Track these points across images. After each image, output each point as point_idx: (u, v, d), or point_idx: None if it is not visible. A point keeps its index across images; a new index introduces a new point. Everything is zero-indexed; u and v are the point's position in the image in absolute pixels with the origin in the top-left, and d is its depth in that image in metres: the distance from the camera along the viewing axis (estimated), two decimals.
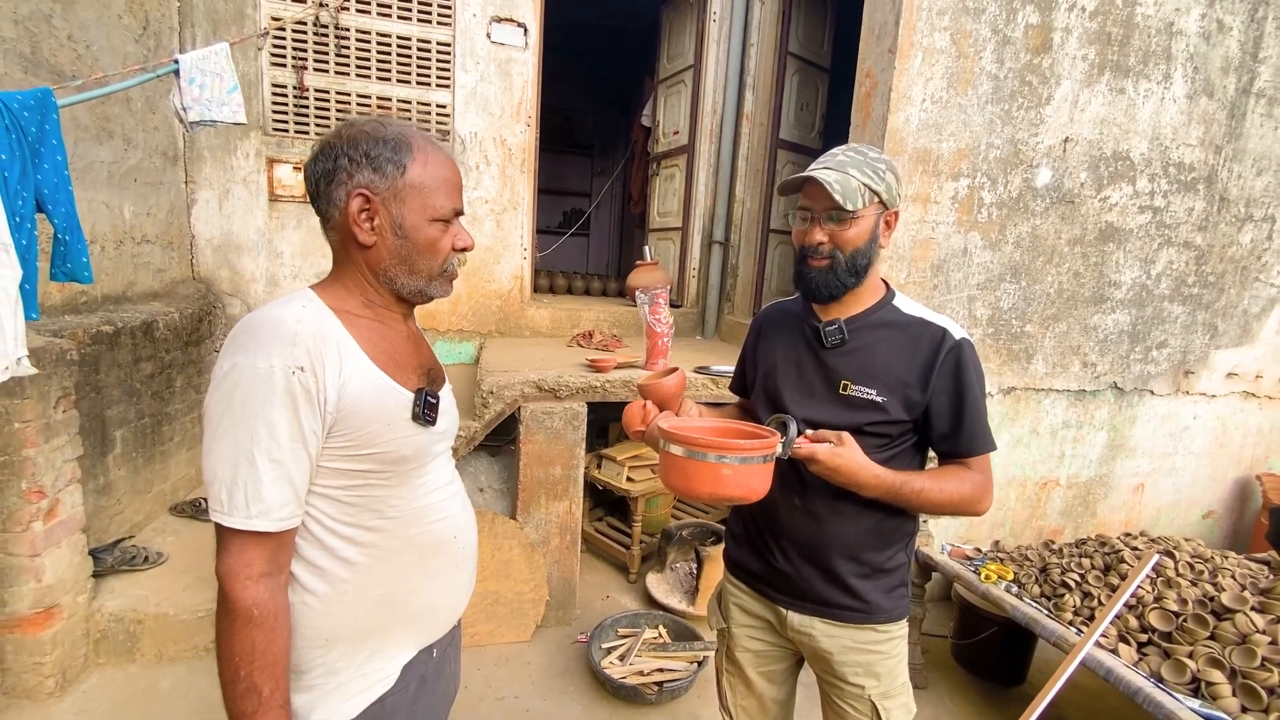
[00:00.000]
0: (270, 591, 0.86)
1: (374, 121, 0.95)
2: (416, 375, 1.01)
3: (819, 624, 1.26)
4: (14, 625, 2.06)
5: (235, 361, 0.85)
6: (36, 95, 1.56)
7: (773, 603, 1.31)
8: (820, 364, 1.25)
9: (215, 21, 3.28)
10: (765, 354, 1.35)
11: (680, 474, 1.06)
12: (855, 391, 1.20)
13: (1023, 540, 3.11)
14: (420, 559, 1.01)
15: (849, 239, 1.17)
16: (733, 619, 1.40)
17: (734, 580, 1.40)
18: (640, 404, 1.30)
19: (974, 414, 1.18)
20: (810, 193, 1.19)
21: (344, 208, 0.93)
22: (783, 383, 1.28)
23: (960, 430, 1.18)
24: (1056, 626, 1.90)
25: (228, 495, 0.83)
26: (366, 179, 0.92)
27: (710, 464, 1.03)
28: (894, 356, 1.20)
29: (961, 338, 1.19)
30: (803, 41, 3.86)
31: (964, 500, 1.18)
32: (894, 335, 1.21)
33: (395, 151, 0.92)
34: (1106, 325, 2.99)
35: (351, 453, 0.91)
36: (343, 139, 0.93)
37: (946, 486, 1.16)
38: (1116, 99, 2.76)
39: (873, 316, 1.24)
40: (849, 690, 1.26)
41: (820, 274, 1.20)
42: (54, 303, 2.47)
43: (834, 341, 1.23)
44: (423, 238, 0.95)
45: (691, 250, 4.28)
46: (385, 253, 0.95)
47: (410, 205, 0.94)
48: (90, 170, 2.66)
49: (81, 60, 2.57)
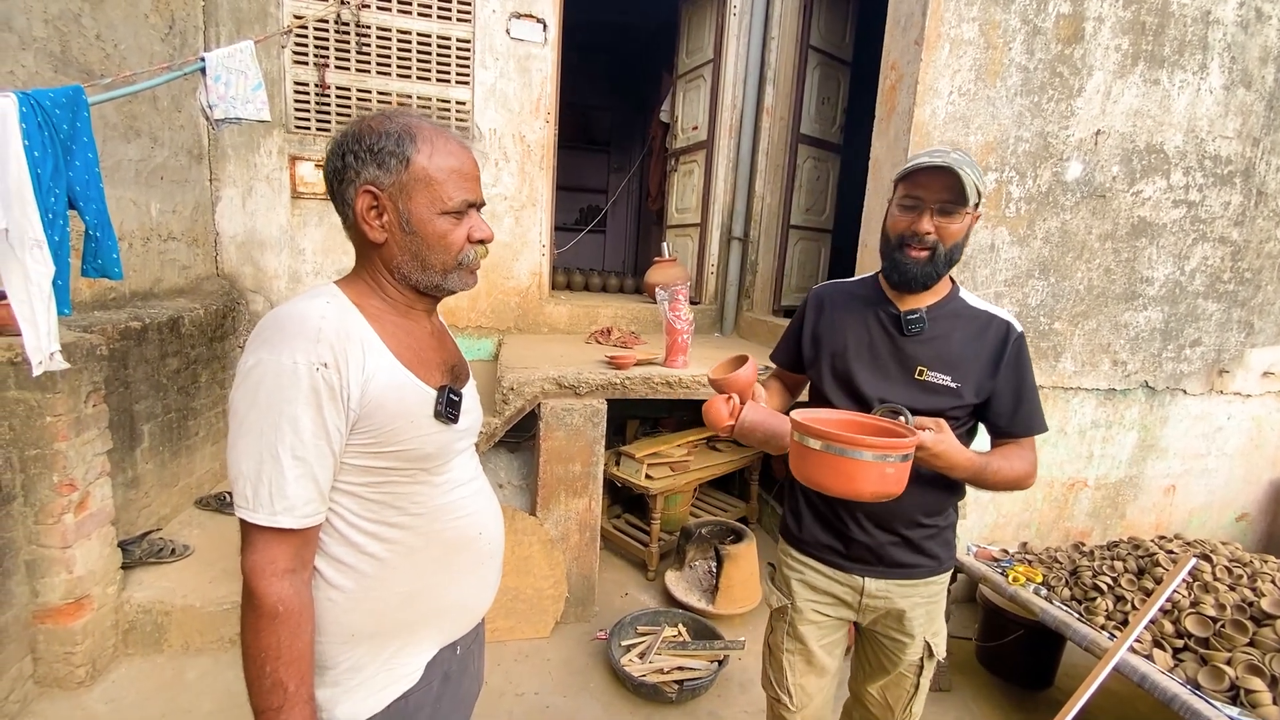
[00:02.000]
0: (295, 588, 0.86)
1: (380, 114, 0.93)
2: (440, 372, 1.00)
3: (896, 585, 1.34)
4: (46, 615, 2.10)
5: (260, 357, 0.85)
6: (68, 93, 1.58)
7: (849, 573, 1.37)
8: (897, 349, 1.31)
9: (239, 20, 3.31)
10: (830, 334, 1.39)
11: (840, 473, 1.06)
12: (931, 377, 1.27)
13: (1049, 541, 3.04)
14: (445, 556, 1.00)
15: (954, 233, 1.24)
16: (796, 594, 1.43)
17: (801, 556, 1.44)
18: (724, 398, 1.32)
19: (1033, 398, 1.29)
20: (924, 182, 1.22)
21: (354, 206, 0.92)
22: (855, 364, 1.33)
23: (1019, 412, 1.29)
24: (1088, 631, 1.85)
25: (252, 491, 0.83)
26: (371, 175, 0.90)
27: (877, 462, 1.04)
28: (967, 345, 1.28)
29: (1021, 330, 1.30)
30: (824, 35, 3.81)
31: (1024, 476, 1.29)
32: (965, 325, 1.29)
33: (398, 144, 0.90)
34: (1138, 323, 2.92)
35: (375, 449, 0.91)
36: (349, 135, 0.92)
37: (1014, 465, 1.27)
38: (1150, 90, 2.69)
39: (947, 307, 1.31)
40: (907, 642, 1.36)
41: (918, 264, 1.25)
42: (84, 299, 2.51)
43: (915, 330, 1.29)
44: (432, 231, 0.93)
45: (710, 247, 4.25)
46: (397, 249, 0.94)
47: (417, 199, 0.92)
48: (118, 168, 2.70)
49: (110, 59, 2.61)
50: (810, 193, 3.94)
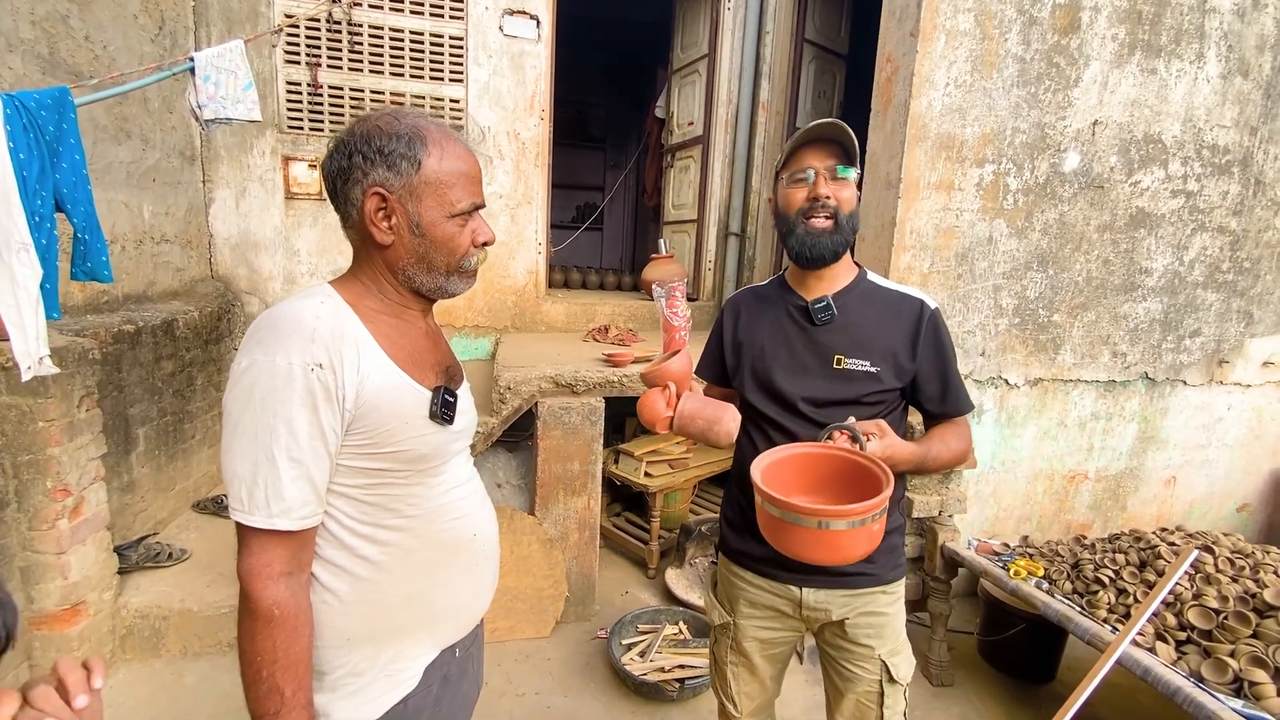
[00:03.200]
0: (292, 591, 0.84)
1: (388, 115, 0.92)
2: (435, 373, 0.99)
3: (833, 595, 1.29)
4: (42, 622, 2.08)
5: (254, 358, 0.84)
6: (54, 94, 1.56)
7: (785, 583, 1.31)
8: (811, 341, 1.27)
9: (230, 20, 3.28)
10: (749, 338, 1.35)
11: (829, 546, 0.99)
12: (850, 364, 1.24)
13: (1050, 535, 3.04)
14: (441, 558, 0.99)
15: (849, 197, 1.22)
16: (739, 611, 1.39)
17: (739, 569, 1.39)
18: (659, 390, 1.25)
19: (956, 376, 1.29)
20: (811, 153, 1.21)
21: (361, 207, 0.90)
22: (773, 364, 1.29)
23: (948, 392, 1.28)
24: (1091, 624, 1.84)
25: (248, 494, 0.82)
26: (381, 177, 0.89)
27: (864, 528, 0.97)
28: (881, 328, 1.26)
29: (935, 306, 1.28)
30: (819, 28, 3.79)
31: (962, 455, 1.28)
32: (877, 308, 1.27)
33: (410, 147, 0.89)
34: (1137, 314, 2.90)
35: (369, 451, 0.90)
36: (356, 135, 0.90)
37: (952, 445, 1.26)
38: (1148, 80, 2.67)
39: (854, 292, 1.29)
40: (859, 652, 1.31)
41: (825, 235, 1.22)
42: (76, 302, 2.49)
43: (824, 318, 1.26)
44: (440, 235, 0.93)
45: (707, 243, 4.23)
46: (403, 251, 0.93)
47: (427, 203, 0.91)
48: (109, 170, 2.68)
49: (99, 60, 2.58)
50: None
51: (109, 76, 1.95)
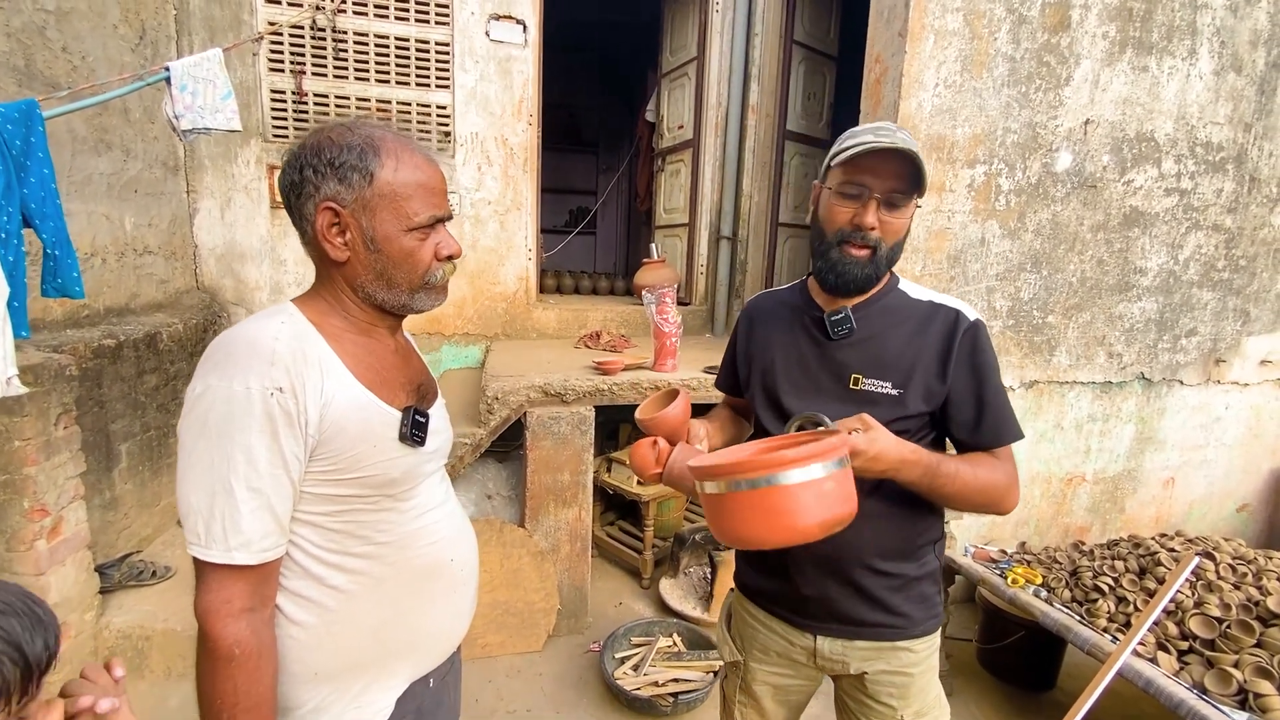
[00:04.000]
0: (253, 628, 0.80)
1: (341, 125, 0.87)
2: (405, 392, 0.95)
3: (852, 648, 1.14)
4: None
5: (209, 384, 0.80)
6: (20, 108, 1.52)
7: (800, 629, 1.18)
8: (826, 357, 1.14)
9: (212, 28, 3.25)
10: (761, 349, 1.23)
11: (771, 512, 0.82)
12: (868, 385, 1.09)
13: (1049, 538, 3.00)
14: (414, 585, 0.95)
15: (897, 229, 1.07)
16: (752, 653, 1.27)
17: (752, 608, 1.27)
18: (649, 442, 1.16)
19: (997, 400, 1.08)
20: (872, 168, 1.03)
21: (313, 223, 0.86)
22: (782, 380, 1.17)
23: (984, 418, 1.08)
24: (1090, 634, 1.81)
25: (205, 527, 0.78)
26: (332, 190, 0.85)
27: (811, 482, 0.81)
28: (907, 344, 1.10)
29: (975, 319, 1.10)
30: (809, 29, 3.76)
31: (995, 488, 1.06)
32: (904, 321, 1.12)
33: (361, 158, 0.85)
34: (1133, 314, 2.87)
35: (335, 477, 0.86)
36: (307, 148, 0.86)
37: (980, 471, 1.05)
38: (1139, 77, 2.64)
39: (879, 303, 1.14)
40: (879, 711, 1.16)
41: (859, 266, 1.08)
42: (55, 317, 2.44)
43: (841, 332, 1.12)
44: (398, 250, 0.88)
45: (699, 247, 4.20)
46: (360, 268, 0.89)
47: (381, 216, 0.86)
48: (89, 182, 2.64)
49: (77, 71, 2.54)
50: (799, 190, 3.90)
51: (80, 88, 1.91)
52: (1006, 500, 1.08)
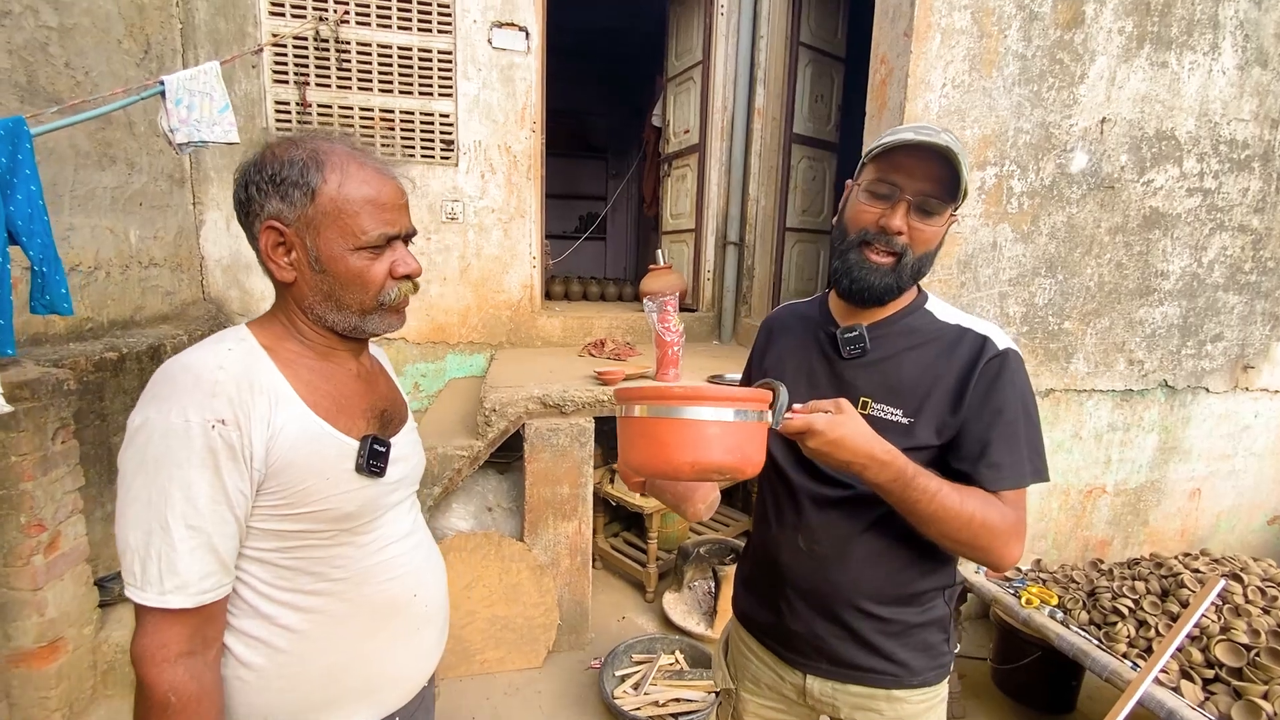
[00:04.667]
0: (192, 673, 0.76)
1: (289, 139, 0.84)
2: (365, 420, 0.91)
3: (845, 690, 1.07)
4: (19, 660, 2.03)
5: (147, 415, 0.76)
6: (6, 125, 1.51)
7: (790, 665, 1.12)
8: (836, 377, 1.06)
9: (217, 42, 3.27)
10: (774, 363, 1.17)
11: (652, 441, 0.84)
12: (877, 410, 1.01)
13: (1068, 552, 2.90)
14: (373, 623, 0.90)
15: (928, 238, 0.98)
16: (744, 684, 1.21)
17: (746, 635, 1.20)
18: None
19: (1009, 436, 0.96)
20: (906, 166, 0.95)
21: (258, 242, 0.83)
22: (791, 398, 1.12)
23: (988, 452, 0.95)
24: (1109, 659, 1.72)
25: (140, 567, 0.75)
26: (275, 208, 0.81)
27: (693, 422, 0.81)
28: (924, 370, 1.01)
29: (1007, 348, 0.99)
30: (815, 31, 3.70)
31: (985, 529, 0.91)
32: (925, 344, 1.03)
33: (303, 173, 0.81)
34: (1154, 319, 2.76)
35: (285, 511, 0.82)
36: (251, 164, 0.82)
37: (969, 503, 0.91)
38: (1158, 74, 2.54)
39: (900, 323, 1.05)
40: None
41: (878, 274, 0.99)
42: (58, 331, 2.46)
43: (853, 351, 1.04)
44: (345, 270, 0.84)
45: (705, 252, 4.14)
46: (307, 289, 0.85)
47: (326, 235, 0.82)
48: (92, 197, 2.65)
49: (81, 87, 2.56)
50: (806, 194, 3.82)
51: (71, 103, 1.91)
52: (1001, 550, 0.93)
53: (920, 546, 1.02)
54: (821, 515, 1.06)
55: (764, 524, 1.19)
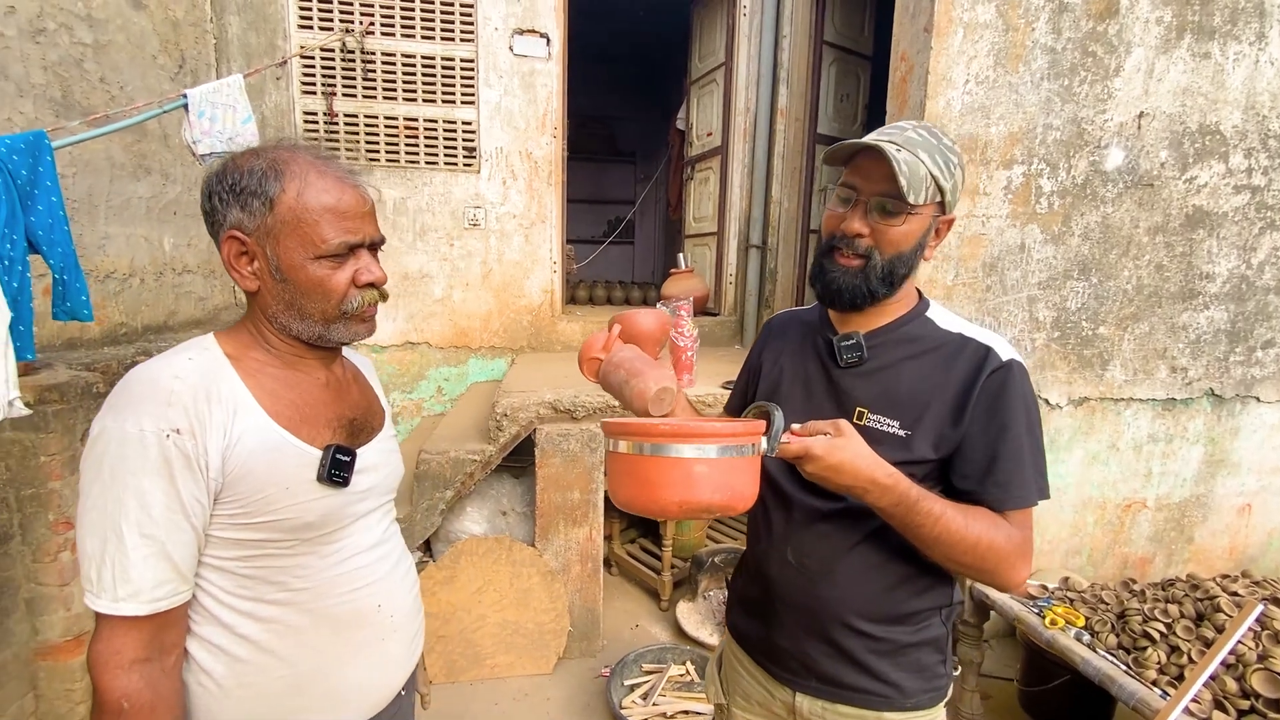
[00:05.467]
0: (147, 679, 0.77)
1: (253, 149, 0.84)
2: (331, 429, 0.90)
3: (835, 710, 1.03)
4: (46, 653, 2.11)
5: (104, 424, 0.77)
6: (27, 139, 1.58)
7: (779, 682, 1.08)
8: (832, 384, 1.03)
9: (249, 55, 3.37)
10: (769, 369, 1.15)
11: (637, 479, 0.82)
12: (873, 421, 0.98)
13: (1104, 569, 2.75)
14: (335, 634, 0.90)
15: (894, 239, 0.95)
16: (734, 699, 1.18)
17: (738, 650, 1.18)
18: (605, 333, 1.08)
19: (1015, 454, 0.92)
20: (863, 168, 0.95)
21: (222, 252, 0.84)
22: (785, 405, 1.03)
23: (994, 471, 0.92)
24: (1137, 686, 1.61)
25: (96, 574, 0.76)
26: (236, 218, 0.82)
27: (678, 460, 0.79)
28: (922, 380, 0.98)
29: (1010, 358, 0.96)
30: (840, 29, 3.62)
31: (991, 552, 0.89)
32: (925, 354, 0.99)
33: (261, 182, 0.81)
34: (1199, 324, 2.61)
35: (243, 520, 0.82)
36: (213, 174, 0.83)
37: (973, 525, 0.89)
38: (1201, 65, 2.40)
39: (899, 331, 1.02)
40: None
41: (846, 275, 0.98)
42: (93, 335, 2.56)
43: (850, 359, 1.01)
44: (305, 279, 0.84)
45: (728, 255, 4.10)
46: (270, 298, 0.85)
47: (285, 244, 0.83)
48: (128, 206, 2.76)
49: (115, 101, 2.66)
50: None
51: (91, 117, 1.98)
52: (1008, 572, 0.91)
53: (915, 563, 0.98)
54: (812, 528, 1.03)
55: (755, 535, 1.16)
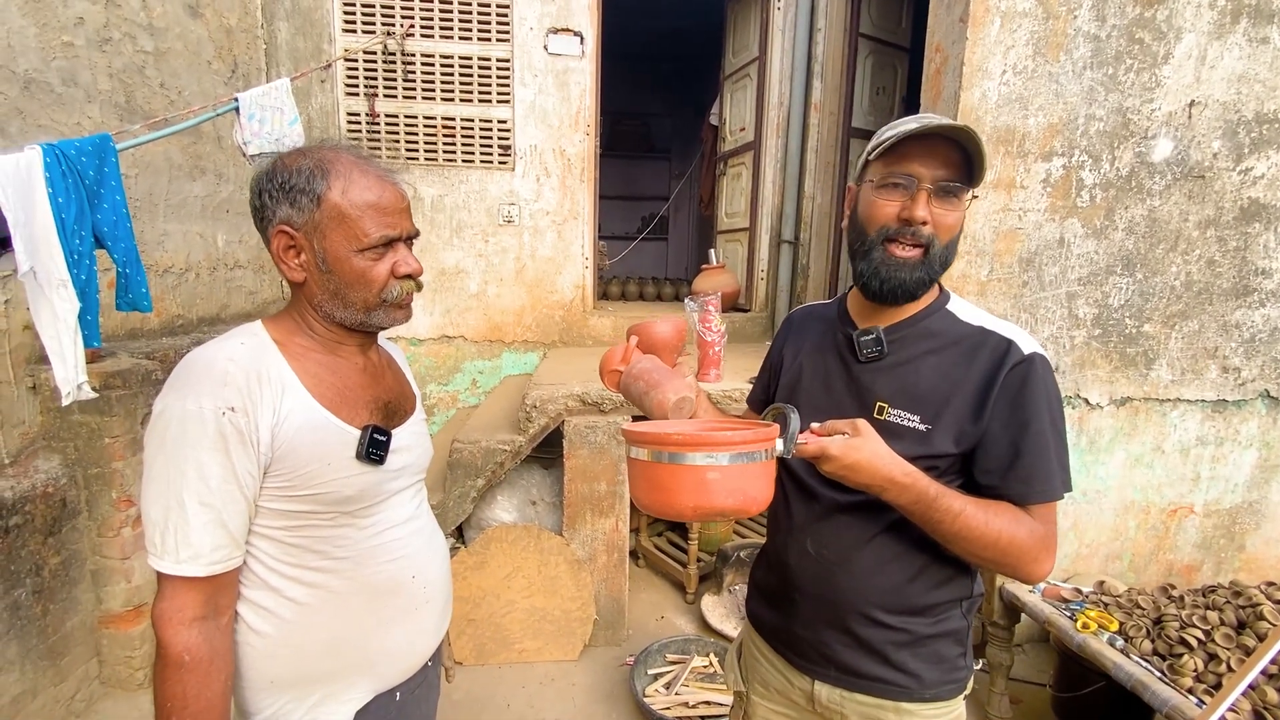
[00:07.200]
0: (205, 635, 0.84)
1: (299, 150, 0.91)
2: (369, 411, 0.97)
3: (853, 699, 1.04)
4: (109, 621, 2.27)
5: (166, 403, 0.85)
6: (94, 142, 1.69)
7: (799, 671, 1.09)
8: (852, 380, 1.03)
9: (296, 59, 3.51)
10: (789, 365, 1.15)
11: (654, 485, 0.85)
12: (894, 416, 0.98)
13: (1147, 575, 2.66)
14: (372, 601, 0.96)
15: (951, 224, 0.95)
16: (753, 686, 1.20)
17: (757, 638, 1.19)
18: (625, 345, 1.12)
19: (1038, 448, 0.92)
20: (918, 154, 0.92)
21: (272, 246, 0.90)
22: (805, 401, 1.07)
23: (1017, 465, 0.92)
24: (1171, 694, 1.56)
25: (160, 538, 0.83)
26: (285, 214, 0.89)
27: (691, 467, 0.82)
28: (943, 374, 0.97)
29: (1032, 352, 0.95)
30: (876, 21, 3.56)
31: (1012, 546, 0.89)
32: (946, 347, 0.99)
33: (309, 181, 0.87)
34: (1254, 322, 2.49)
35: (290, 493, 0.89)
36: (264, 173, 0.90)
37: (995, 521, 0.89)
38: (1258, 51, 2.29)
39: (919, 325, 1.01)
40: None
41: (909, 267, 0.95)
42: (152, 326, 2.72)
43: (870, 354, 1.01)
44: (349, 270, 0.91)
45: (759, 251, 4.08)
46: (316, 287, 0.92)
47: (332, 238, 0.89)
48: (185, 204, 2.92)
49: (174, 105, 2.82)
50: None
51: (148, 121, 2.11)
52: (1031, 565, 0.91)
53: (935, 555, 0.99)
54: (831, 519, 1.04)
55: (776, 526, 1.17)
